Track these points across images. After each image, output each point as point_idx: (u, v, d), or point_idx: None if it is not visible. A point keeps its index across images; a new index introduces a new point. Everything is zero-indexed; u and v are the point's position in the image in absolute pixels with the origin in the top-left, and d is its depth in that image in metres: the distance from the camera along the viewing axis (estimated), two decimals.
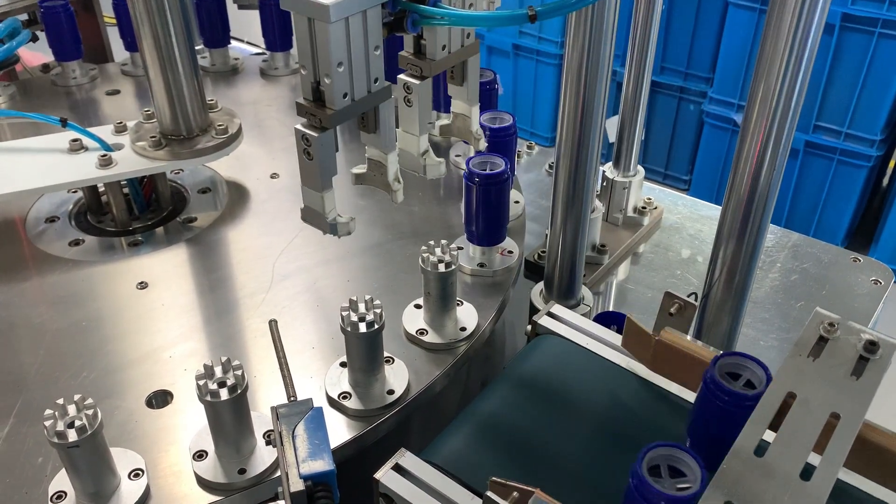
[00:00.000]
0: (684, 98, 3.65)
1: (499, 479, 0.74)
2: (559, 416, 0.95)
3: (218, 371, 0.86)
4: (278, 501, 0.76)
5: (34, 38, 1.32)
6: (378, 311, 0.95)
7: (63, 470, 0.87)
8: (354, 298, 0.96)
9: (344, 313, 0.95)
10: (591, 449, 0.91)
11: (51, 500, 0.87)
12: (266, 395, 1.01)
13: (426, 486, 0.84)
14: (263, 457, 0.91)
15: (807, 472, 0.68)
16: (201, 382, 0.85)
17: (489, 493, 0.74)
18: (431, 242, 1.06)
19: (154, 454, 0.93)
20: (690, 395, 0.95)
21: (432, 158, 0.91)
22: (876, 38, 2.96)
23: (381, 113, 0.82)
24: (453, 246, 1.07)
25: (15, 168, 1.29)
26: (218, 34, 1.85)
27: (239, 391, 0.85)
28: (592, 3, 0.75)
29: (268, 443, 0.92)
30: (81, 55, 1.80)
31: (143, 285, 1.21)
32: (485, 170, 1.17)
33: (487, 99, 1.42)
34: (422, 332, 1.10)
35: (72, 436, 0.80)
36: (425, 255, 1.05)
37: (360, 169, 0.92)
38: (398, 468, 0.86)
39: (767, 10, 0.85)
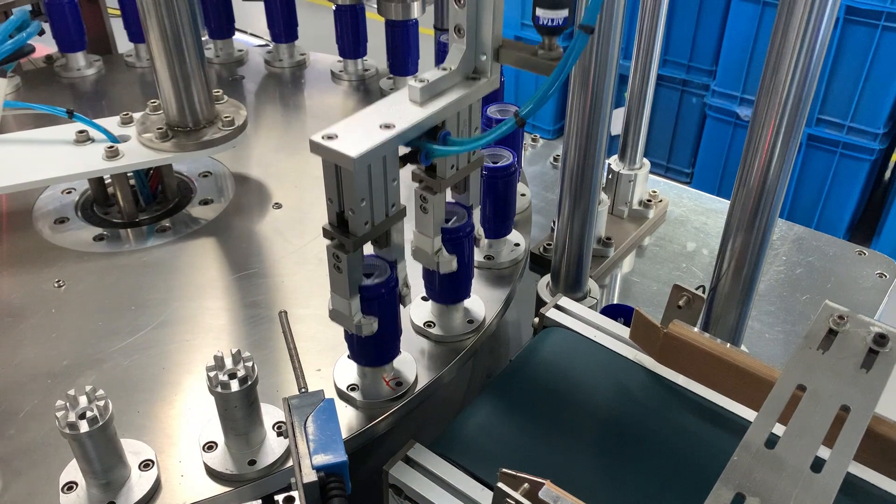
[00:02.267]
0: (687, 91, 3.65)
1: (509, 471, 0.75)
2: (567, 407, 0.95)
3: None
4: (290, 492, 0.76)
5: (41, 32, 1.32)
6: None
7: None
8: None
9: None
10: (599, 440, 0.92)
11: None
12: (276, 387, 1.01)
13: (436, 478, 0.85)
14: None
15: (817, 465, 0.69)
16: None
17: (500, 485, 0.74)
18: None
19: (164, 445, 0.94)
20: (699, 388, 0.95)
21: (444, 256, 0.98)
22: (879, 31, 2.96)
23: (393, 236, 0.90)
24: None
25: (22, 159, 1.29)
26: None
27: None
28: (558, 88, 0.82)
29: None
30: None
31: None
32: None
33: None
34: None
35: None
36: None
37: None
38: (407, 459, 0.87)
39: (778, 2, 0.85)
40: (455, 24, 0.89)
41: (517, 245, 1.26)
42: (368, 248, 0.90)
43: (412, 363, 1.04)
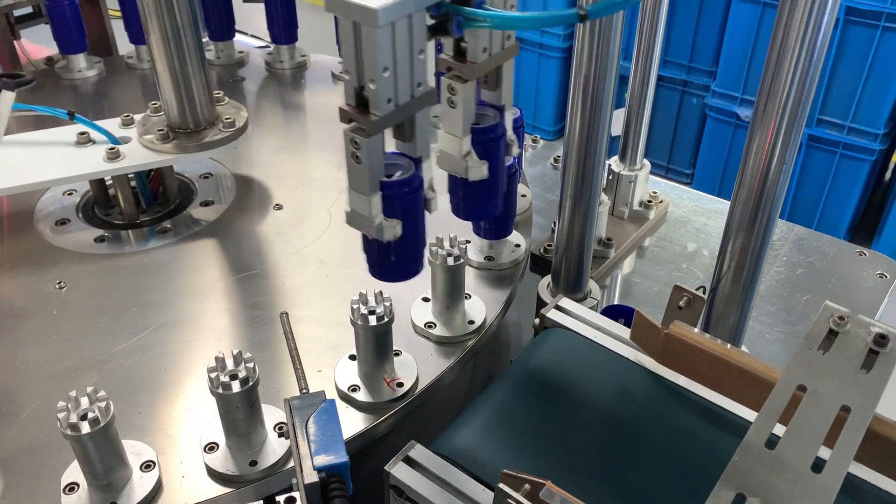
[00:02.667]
0: (687, 91, 3.65)
1: (510, 472, 0.75)
2: (568, 408, 0.95)
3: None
4: (291, 493, 0.76)
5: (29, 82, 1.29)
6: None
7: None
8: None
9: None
10: (600, 441, 0.92)
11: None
12: (277, 388, 1.01)
13: (437, 479, 0.85)
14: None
15: (817, 466, 0.69)
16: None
17: (501, 485, 0.74)
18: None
19: (166, 446, 0.94)
20: (700, 388, 0.95)
21: (475, 160, 0.86)
22: (880, 31, 2.96)
23: (418, 120, 0.78)
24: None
25: (23, 161, 1.29)
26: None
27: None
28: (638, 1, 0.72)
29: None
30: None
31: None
32: None
33: None
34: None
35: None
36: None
37: None
38: (408, 460, 0.87)
39: (778, 3, 0.85)
40: None
41: (518, 246, 1.27)
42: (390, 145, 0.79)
43: (413, 364, 1.04)
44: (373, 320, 0.95)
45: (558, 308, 1.08)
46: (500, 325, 1.17)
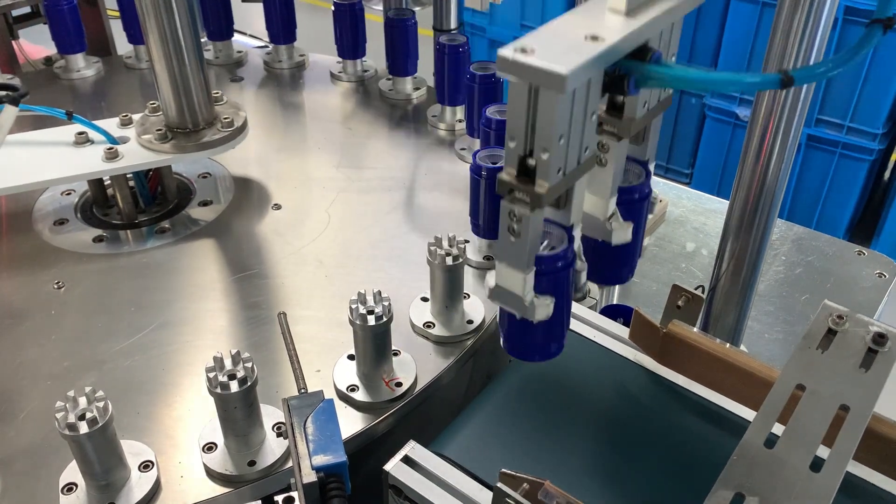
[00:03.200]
0: (686, 91, 3.65)
1: (509, 471, 0.75)
2: (567, 408, 0.95)
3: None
4: (290, 493, 0.76)
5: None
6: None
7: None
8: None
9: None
10: (598, 441, 0.92)
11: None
12: (276, 387, 1.01)
13: (436, 478, 0.85)
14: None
15: (816, 465, 0.69)
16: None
17: (499, 485, 0.74)
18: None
19: (164, 446, 0.94)
20: (698, 388, 0.95)
21: (619, 222, 0.79)
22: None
23: (576, 192, 0.72)
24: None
25: (21, 161, 1.29)
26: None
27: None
28: (850, 66, 0.64)
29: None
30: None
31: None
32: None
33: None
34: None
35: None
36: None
37: None
38: (407, 460, 0.87)
39: (777, 2, 0.85)
40: None
41: None
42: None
43: (412, 364, 1.04)
44: (371, 320, 0.95)
45: None
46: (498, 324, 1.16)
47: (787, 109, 0.89)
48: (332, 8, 1.74)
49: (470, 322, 1.11)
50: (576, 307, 1.09)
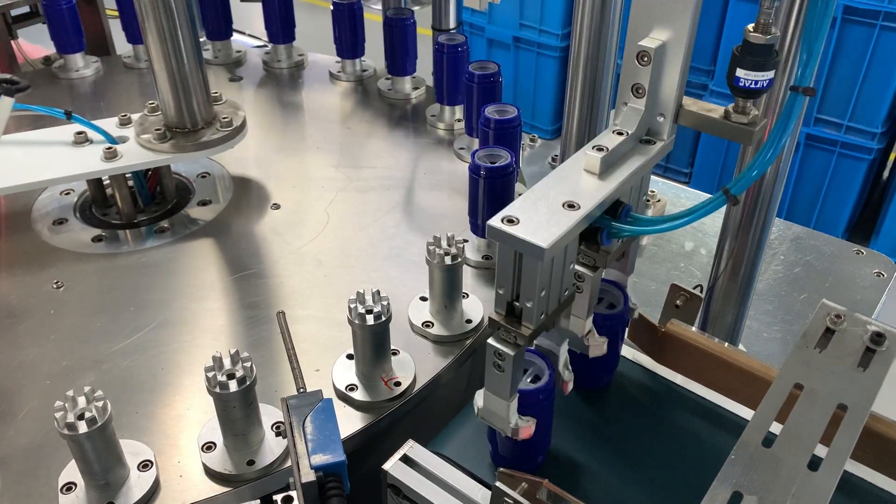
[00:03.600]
0: (687, 91, 3.64)
1: (507, 470, 0.75)
2: (565, 406, 0.95)
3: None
4: (288, 492, 0.76)
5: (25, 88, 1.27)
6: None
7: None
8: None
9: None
10: (597, 439, 0.92)
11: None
12: (275, 387, 1.01)
13: (434, 477, 0.85)
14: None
15: (814, 464, 0.69)
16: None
17: (498, 484, 0.74)
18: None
19: (163, 446, 0.94)
20: (696, 386, 0.96)
21: (595, 339, 0.89)
22: (877, 30, 2.96)
23: (561, 320, 0.83)
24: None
25: (20, 161, 1.29)
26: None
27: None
28: (769, 164, 0.73)
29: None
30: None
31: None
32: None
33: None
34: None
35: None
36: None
37: None
38: (406, 459, 0.87)
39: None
40: (634, 82, 0.81)
41: None
42: None
43: (411, 363, 1.04)
44: (370, 319, 0.95)
45: None
46: None
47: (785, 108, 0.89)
48: (331, 7, 1.74)
49: (469, 321, 1.11)
50: None
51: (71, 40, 1.77)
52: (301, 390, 0.88)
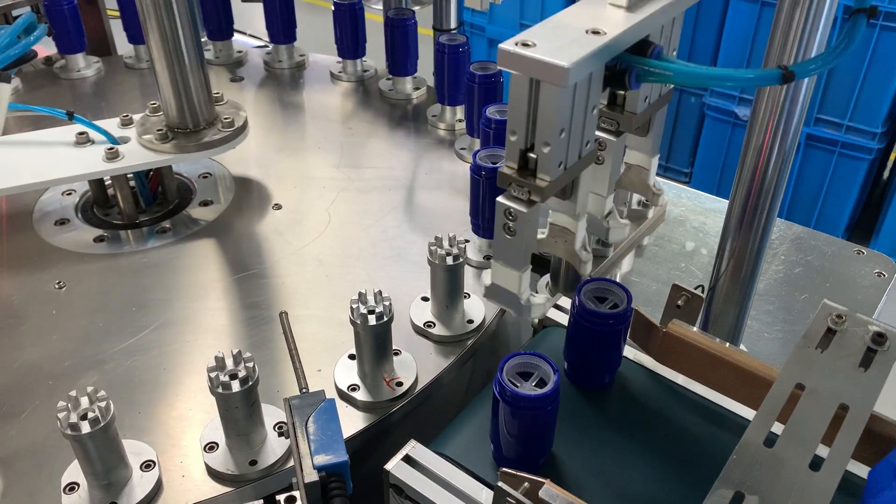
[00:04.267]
0: (685, 90, 3.65)
1: (509, 470, 0.75)
2: (566, 407, 0.95)
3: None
4: (291, 492, 0.77)
5: (50, 32, 1.31)
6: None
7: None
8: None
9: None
10: (598, 440, 0.92)
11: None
12: (276, 387, 1.01)
13: (436, 478, 0.85)
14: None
15: (815, 464, 0.69)
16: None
17: (500, 484, 0.74)
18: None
19: (166, 446, 0.94)
20: (698, 387, 0.96)
21: (616, 220, 0.81)
22: (878, 30, 2.96)
23: (580, 178, 0.73)
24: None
25: (22, 161, 1.29)
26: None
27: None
28: (846, 56, 0.67)
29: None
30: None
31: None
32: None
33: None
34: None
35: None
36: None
37: (541, 234, 0.82)
38: (408, 459, 0.87)
39: (777, 1, 0.85)
40: None
41: None
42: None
43: (412, 363, 1.04)
44: (372, 319, 0.95)
45: (557, 307, 1.08)
46: (499, 324, 1.17)
47: (788, 108, 0.89)
48: (332, 8, 1.74)
49: (470, 322, 1.11)
50: None
51: (72, 40, 1.77)
52: (304, 390, 0.88)
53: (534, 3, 3.78)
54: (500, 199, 0.68)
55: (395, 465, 0.86)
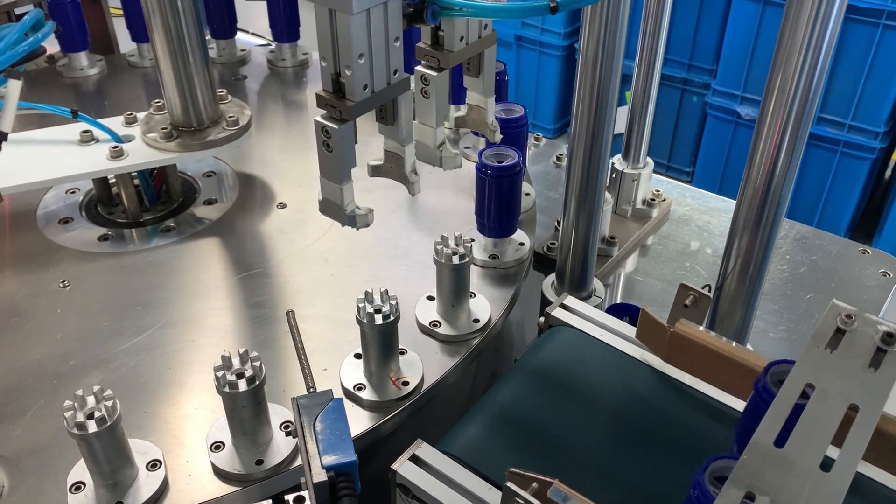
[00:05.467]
0: (687, 90, 3.65)
1: (517, 470, 0.75)
2: (574, 406, 0.95)
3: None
4: (300, 492, 0.76)
5: (58, 30, 1.32)
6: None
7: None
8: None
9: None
10: (606, 440, 0.92)
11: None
12: (282, 386, 1.01)
13: (444, 477, 0.85)
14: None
15: (826, 464, 0.69)
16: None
17: (509, 484, 0.74)
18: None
19: (172, 445, 0.94)
20: (705, 387, 0.95)
21: (448, 150, 0.91)
22: (881, 29, 2.96)
23: (400, 105, 0.83)
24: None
25: (26, 160, 1.29)
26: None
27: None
28: None
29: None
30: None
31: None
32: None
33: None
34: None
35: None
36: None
37: (377, 161, 0.92)
38: (415, 459, 0.87)
39: (785, 1, 0.85)
40: None
41: (522, 244, 1.27)
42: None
43: (418, 363, 1.04)
44: (379, 319, 0.94)
45: (563, 306, 1.08)
46: (504, 323, 1.17)
47: (796, 108, 0.89)
48: None
49: (476, 321, 1.11)
50: (582, 306, 1.09)
51: (75, 39, 1.77)
52: (311, 390, 0.88)
53: None
54: (316, 118, 0.77)
55: (402, 465, 0.86)
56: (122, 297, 1.17)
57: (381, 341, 0.97)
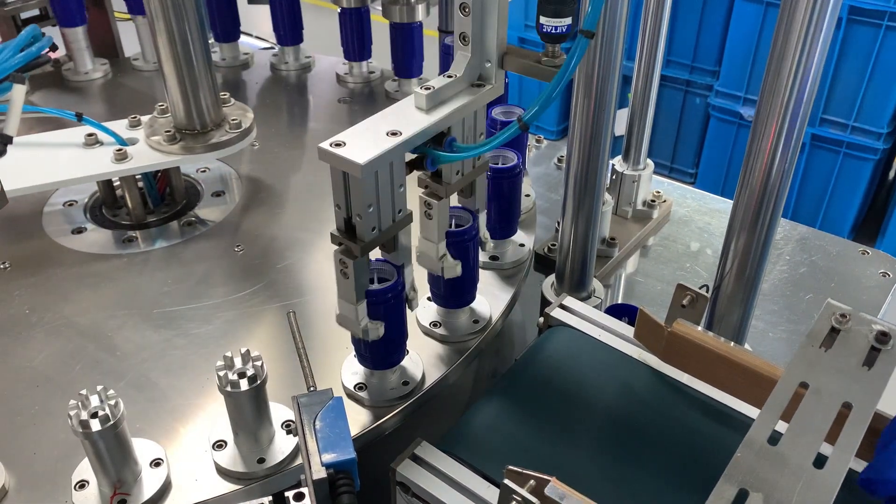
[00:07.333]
0: (690, 91, 3.65)
1: (515, 468, 0.76)
2: (573, 406, 0.96)
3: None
4: (300, 489, 0.77)
5: (54, 47, 1.35)
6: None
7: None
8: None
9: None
10: (604, 438, 0.92)
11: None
12: (284, 386, 1.02)
13: (443, 476, 0.86)
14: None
15: (819, 462, 0.69)
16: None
17: (506, 482, 0.75)
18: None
19: (174, 444, 0.95)
20: (702, 386, 0.96)
21: (449, 261, 0.99)
22: (883, 30, 2.96)
23: (400, 240, 0.91)
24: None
25: (31, 163, 1.30)
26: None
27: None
28: (561, 92, 0.85)
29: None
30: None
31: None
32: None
33: None
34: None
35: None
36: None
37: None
38: (415, 457, 0.88)
39: (781, 2, 0.86)
40: (460, 31, 0.92)
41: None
42: (377, 253, 0.92)
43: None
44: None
45: (563, 307, 1.09)
46: (504, 324, 1.17)
47: (791, 108, 0.90)
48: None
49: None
50: (581, 306, 1.09)
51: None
52: (311, 389, 0.89)
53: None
54: (335, 251, 0.87)
55: (402, 464, 0.87)
56: (126, 299, 1.18)
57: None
